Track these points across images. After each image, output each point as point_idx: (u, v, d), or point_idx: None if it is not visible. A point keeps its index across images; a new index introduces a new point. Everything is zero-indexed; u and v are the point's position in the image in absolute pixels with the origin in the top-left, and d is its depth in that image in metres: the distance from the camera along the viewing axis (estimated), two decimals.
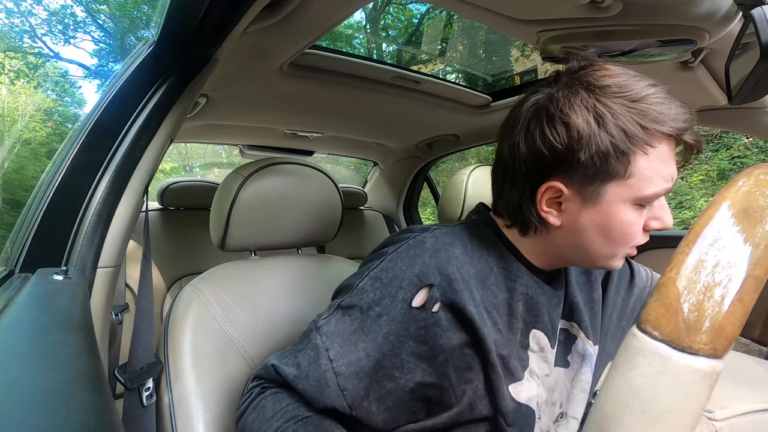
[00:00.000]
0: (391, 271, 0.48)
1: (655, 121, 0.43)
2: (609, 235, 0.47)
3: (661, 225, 0.48)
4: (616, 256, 0.49)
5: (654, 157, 0.43)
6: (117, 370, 0.66)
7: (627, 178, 0.44)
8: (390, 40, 9.88)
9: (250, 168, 0.75)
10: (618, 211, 0.45)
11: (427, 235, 0.50)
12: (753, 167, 0.29)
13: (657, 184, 0.44)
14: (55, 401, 0.24)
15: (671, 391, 0.23)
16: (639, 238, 0.48)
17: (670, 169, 0.45)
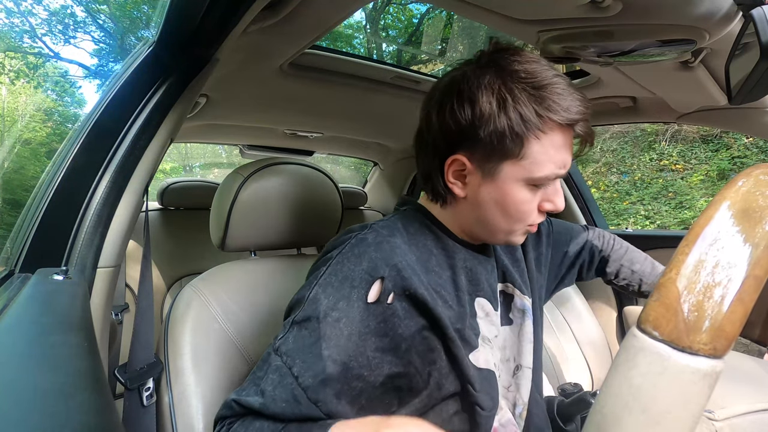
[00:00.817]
0: (340, 273, 0.49)
1: (549, 109, 0.46)
2: (505, 211, 0.51)
3: (553, 207, 0.51)
4: (515, 233, 0.54)
5: (546, 142, 0.47)
6: (117, 370, 0.66)
7: (521, 159, 0.48)
8: (390, 40, 9.88)
9: (250, 168, 0.75)
10: (512, 188, 0.50)
11: (368, 232, 0.52)
12: (753, 167, 0.29)
13: (547, 168, 0.48)
14: (55, 401, 0.24)
15: (671, 391, 0.23)
16: (534, 217, 0.52)
17: (562, 156, 0.49)
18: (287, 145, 1.85)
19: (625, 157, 5.65)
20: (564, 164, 0.49)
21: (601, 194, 5.48)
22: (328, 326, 0.46)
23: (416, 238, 0.54)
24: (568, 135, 0.49)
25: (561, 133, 0.48)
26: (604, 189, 5.56)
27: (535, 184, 0.50)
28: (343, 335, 0.46)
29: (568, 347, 1.28)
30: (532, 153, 0.48)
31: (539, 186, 0.50)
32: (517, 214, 0.51)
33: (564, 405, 0.94)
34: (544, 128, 0.47)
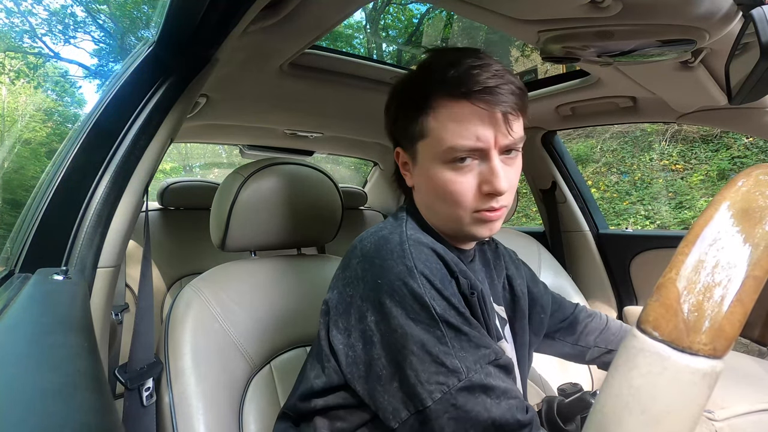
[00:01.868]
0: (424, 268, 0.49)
1: (439, 83, 0.49)
2: (438, 194, 0.52)
3: (490, 188, 0.49)
4: (464, 220, 0.52)
5: (442, 117, 0.49)
6: (117, 370, 0.66)
7: (426, 138, 0.51)
8: (390, 40, 9.87)
9: (250, 168, 0.75)
10: (433, 169, 0.51)
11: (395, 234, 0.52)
12: (753, 167, 0.29)
13: (449, 140, 0.49)
14: (55, 401, 0.24)
15: (671, 391, 0.23)
16: (472, 200, 0.50)
17: (466, 128, 0.48)
18: (287, 145, 1.85)
19: (625, 157, 5.65)
20: (475, 136, 0.48)
21: (601, 194, 5.48)
22: (462, 318, 0.47)
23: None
24: (468, 107, 0.48)
25: (458, 105, 0.48)
26: (604, 189, 5.56)
27: (452, 161, 0.49)
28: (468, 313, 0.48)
29: None
30: (432, 129, 0.50)
31: (458, 163, 0.49)
32: (449, 196, 0.51)
33: (564, 405, 0.94)
34: (433, 104, 0.49)
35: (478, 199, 0.51)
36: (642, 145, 5.61)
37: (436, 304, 0.46)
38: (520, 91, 0.50)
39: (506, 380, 0.45)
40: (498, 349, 0.47)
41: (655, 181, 5.24)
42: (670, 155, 5.26)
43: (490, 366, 0.45)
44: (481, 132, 0.48)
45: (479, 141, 0.48)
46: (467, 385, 0.43)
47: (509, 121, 0.49)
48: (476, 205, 0.51)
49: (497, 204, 0.51)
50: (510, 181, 0.51)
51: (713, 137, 4.97)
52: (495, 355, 0.46)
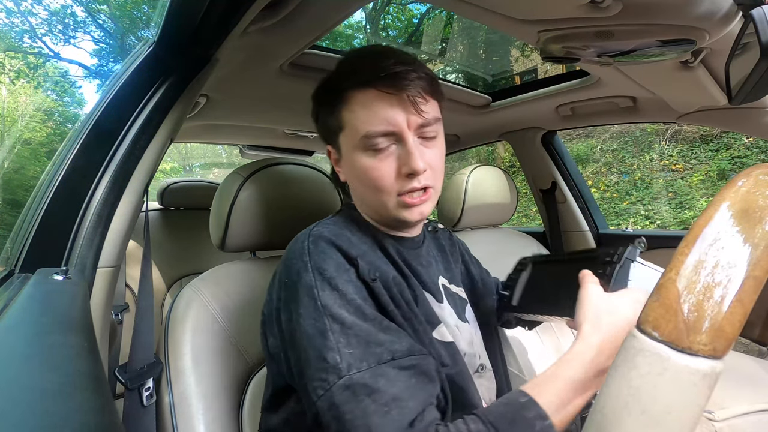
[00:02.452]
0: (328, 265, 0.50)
1: (343, 79, 0.53)
2: (362, 181, 0.54)
3: (408, 169, 0.51)
4: (389, 205, 0.54)
5: (354, 107, 0.52)
6: (117, 370, 0.66)
7: (344, 129, 0.54)
8: (390, 40, 9.87)
9: (250, 168, 0.75)
10: (354, 158, 0.54)
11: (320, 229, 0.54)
12: (753, 167, 0.29)
13: (364, 127, 0.51)
14: (54, 401, 0.24)
15: (671, 391, 0.23)
16: (391, 182, 0.52)
17: (375, 113, 0.51)
18: (287, 145, 1.85)
19: (625, 157, 5.65)
20: (386, 120, 0.50)
21: (601, 194, 5.47)
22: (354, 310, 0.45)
23: (358, 234, 0.56)
24: (375, 93, 0.51)
25: (366, 94, 0.51)
26: (604, 189, 5.56)
27: (370, 148, 0.51)
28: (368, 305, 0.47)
29: (567, 347, 1.28)
30: (347, 120, 0.53)
31: (376, 149, 0.51)
32: (372, 182, 0.53)
33: None
34: (345, 96, 0.53)
35: (399, 182, 0.52)
36: (642, 145, 5.60)
37: (323, 295, 0.45)
38: (427, 77, 0.52)
39: (408, 386, 0.41)
40: (403, 349, 0.43)
41: (655, 181, 5.24)
42: (670, 155, 5.26)
43: (384, 366, 0.41)
44: (391, 115, 0.50)
45: (390, 124, 0.50)
46: (347, 383, 0.40)
47: (417, 103, 0.51)
48: (398, 188, 0.52)
49: (418, 184, 0.52)
50: (429, 161, 0.53)
51: (713, 137, 4.97)
52: (392, 355, 0.42)
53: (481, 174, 1.28)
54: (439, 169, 0.55)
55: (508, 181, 1.35)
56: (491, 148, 6.76)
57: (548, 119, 1.37)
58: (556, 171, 1.50)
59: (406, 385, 0.41)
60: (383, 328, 0.45)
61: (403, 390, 0.40)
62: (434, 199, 0.56)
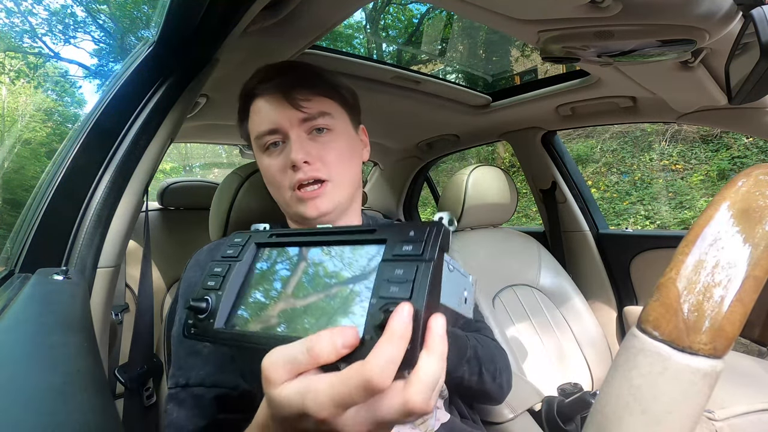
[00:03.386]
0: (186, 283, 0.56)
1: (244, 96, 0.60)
2: (266, 180, 0.59)
3: (288, 161, 0.54)
4: (287, 200, 0.57)
5: (251, 116, 0.59)
6: (117, 370, 0.66)
7: (250, 138, 0.60)
8: (390, 40, 9.87)
9: (250, 168, 0.75)
10: (258, 161, 0.59)
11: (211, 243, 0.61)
12: (753, 167, 0.29)
13: (255, 130, 0.57)
14: (55, 401, 0.24)
15: (671, 391, 0.23)
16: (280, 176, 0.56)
17: (260, 117, 0.57)
18: None
19: (625, 157, 5.65)
20: (269, 120, 0.55)
21: (601, 194, 5.47)
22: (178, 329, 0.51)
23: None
24: (259, 101, 0.57)
25: (254, 103, 0.58)
26: (604, 189, 5.56)
27: (266, 149, 0.57)
28: None
29: (568, 347, 1.28)
30: (249, 129, 0.59)
31: (271, 149, 0.56)
32: (269, 179, 0.58)
33: (564, 405, 0.94)
34: (247, 110, 0.60)
35: (287, 176, 0.55)
36: (642, 145, 5.61)
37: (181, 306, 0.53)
38: (310, 74, 0.57)
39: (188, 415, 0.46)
40: (198, 377, 0.47)
41: (655, 181, 5.24)
42: (670, 155, 5.26)
43: (178, 390, 0.47)
44: (272, 116, 0.55)
45: (272, 123, 0.55)
46: (170, 393, 0.47)
47: (296, 99, 0.55)
48: (288, 182, 0.55)
49: (304, 175, 0.53)
50: (319, 154, 0.55)
51: (713, 137, 4.97)
52: (186, 381, 0.47)
53: (481, 174, 1.28)
54: (334, 160, 0.56)
55: (508, 181, 1.35)
56: (491, 148, 6.76)
57: (548, 119, 1.37)
58: (556, 171, 1.50)
59: (180, 412, 0.46)
60: (191, 353, 0.49)
61: (179, 416, 0.46)
62: (333, 192, 0.55)
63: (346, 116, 0.60)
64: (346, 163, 0.57)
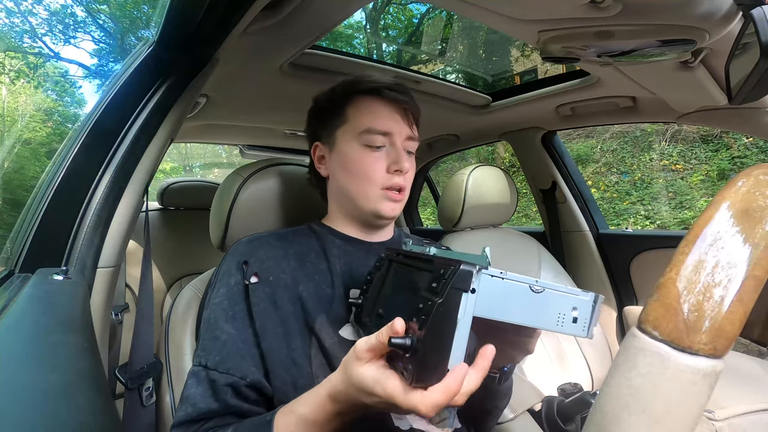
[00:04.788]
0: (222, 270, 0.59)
1: (354, 84, 0.62)
2: (350, 171, 0.61)
3: (397, 166, 0.60)
4: (370, 197, 0.60)
5: (360, 106, 0.61)
6: (117, 370, 0.66)
7: (345, 123, 0.62)
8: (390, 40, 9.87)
9: (250, 169, 0.75)
10: (348, 149, 0.61)
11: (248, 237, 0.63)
12: (753, 167, 0.29)
13: (364, 123, 0.60)
14: (55, 401, 0.24)
15: (671, 391, 0.23)
16: (379, 175, 0.60)
17: (377, 117, 0.60)
18: (287, 145, 1.85)
19: (625, 157, 5.65)
20: (384, 122, 0.60)
21: (601, 194, 5.47)
22: (213, 311, 0.54)
23: (297, 239, 0.63)
24: (379, 99, 0.61)
25: (372, 98, 0.61)
26: (604, 189, 5.56)
27: (366, 144, 0.60)
28: (228, 314, 0.54)
29: (567, 347, 1.28)
30: (351, 115, 0.61)
31: (371, 145, 0.60)
32: (360, 172, 0.60)
33: (564, 405, 0.95)
34: (352, 98, 0.62)
35: (386, 177, 0.60)
36: (642, 145, 5.61)
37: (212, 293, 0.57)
38: (417, 107, 0.64)
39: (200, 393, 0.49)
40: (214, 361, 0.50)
41: (655, 181, 5.24)
42: (670, 155, 5.26)
43: (197, 368, 0.51)
44: (391, 120, 0.61)
45: (389, 127, 0.60)
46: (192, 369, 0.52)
47: (410, 117, 0.63)
48: (384, 182, 0.60)
49: (401, 181, 0.61)
50: (408, 168, 0.61)
51: (713, 137, 4.97)
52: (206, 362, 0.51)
53: (481, 174, 1.28)
54: (410, 179, 0.63)
55: (508, 181, 1.35)
56: (491, 148, 6.76)
57: (548, 119, 1.37)
58: (556, 171, 1.50)
59: (197, 390, 0.49)
60: (213, 337, 0.52)
61: (194, 394, 0.49)
62: (403, 203, 0.63)
63: None
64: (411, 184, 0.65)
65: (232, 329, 0.53)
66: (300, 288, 0.56)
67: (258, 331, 0.53)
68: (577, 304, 0.37)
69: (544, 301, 0.36)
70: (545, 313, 0.36)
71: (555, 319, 0.36)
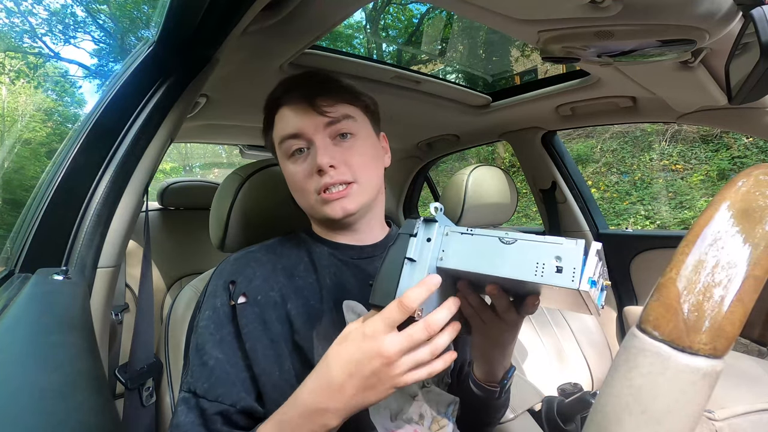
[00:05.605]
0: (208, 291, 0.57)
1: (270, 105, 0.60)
2: (291, 186, 0.60)
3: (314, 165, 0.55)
4: (313, 205, 0.58)
5: (276, 123, 0.59)
6: (117, 370, 0.66)
7: (274, 145, 0.61)
8: (390, 40, 9.88)
9: (250, 169, 0.75)
10: (283, 167, 0.60)
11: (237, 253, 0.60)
12: (752, 167, 0.29)
13: (277, 136, 0.59)
14: (54, 401, 0.24)
15: (671, 391, 0.23)
16: (307, 182, 0.57)
17: (283, 124, 0.58)
18: None
19: (625, 157, 5.65)
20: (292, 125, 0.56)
21: (601, 194, 5.47)
22: (201, 335, 0.52)
23: (287, 251, 0.61)
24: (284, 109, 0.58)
25: (280, 111, 0.58)
26: (604, 189, 5.56)
27: (290, 155, 0.57)
28: (215, 338, 0.51)
29: (568, 347, 1.28)
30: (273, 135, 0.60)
31: (295, 155, 0.57)
32: (294, 184, 0.58)
33: (564, 405, 0.95)
34: (272, 118, 0.60)
35: (313, 181, 0.56)
36: (642, 145, 5.61)
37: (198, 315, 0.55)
38: (332, 82, 0.59)
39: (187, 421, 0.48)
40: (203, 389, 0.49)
41: (655, 181, 5.24)
42: (670, 155, 5.26)
43: (185, 394, 0.50)
44: (297, 121, 0.56)
45: (297, 128, 0.56)
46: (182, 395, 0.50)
47: (320, 107, 0.56)
48: (314, 186, 0.56)
49: (330, 179, 0.55)
50: (344, 158, 0.56)
51: (713, 137, 4.97)
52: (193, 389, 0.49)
53: (481, 174, 1.28)
54: (358, 164, 0.57)
55: (508, 181, 1.35)
56: (491, 148, 6.76)
57: (548, 119, 1.37)
58: (556, 171, 1.50)
59: (187, 419, 0.48)
60: (201, 363, 0.51)
61: (185, 422, 0.48)
62: (359, 194, 0.57)
63: (368, 122, 0.62)
64: (370, 166, 0.59)
65: (219, 354, 0.50)
66: (289, 306, 0.54)
67: (249, 353, 0.51)
68: (561, 253, 0.35)
69: (517, 252, 0.37)
70: (520, 264, 0.37)
71: (533, 269, 0.36)
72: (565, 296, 0.38)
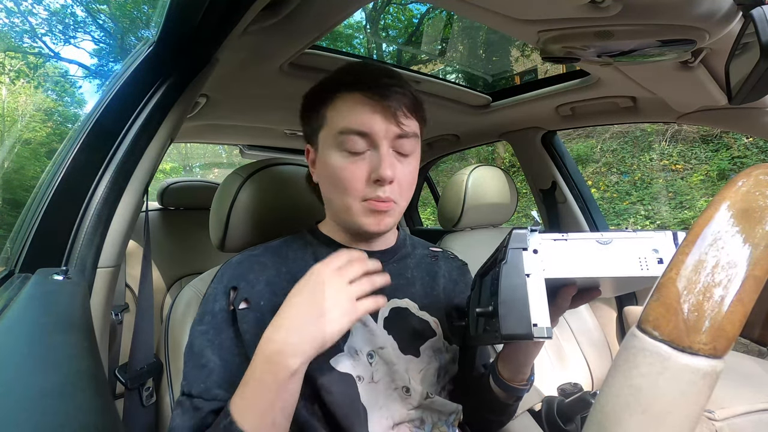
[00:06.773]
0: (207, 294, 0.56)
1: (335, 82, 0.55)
2: (331, 181, 0.54)
3: (376, 175, 0.51)
4: (352, 209, 0.54)
5: (339, 106, 0.53)
6: (117, 370, 0.66)
7: (325, 125, 0.55)
8: (390, 40, 9.88)
9: (250, 168, 0.75)
10: (328, 155, 0.54)
11: (239, 254, 0.59)
12: (753, 167, 0.29)
13: (342, 123, 0.52)
14: (55, 401, 0.24)
15: (671, 391, 0.23)
16: (359, 185, 0.52)
17: (356, 116, 0.52)
18: (287, 145, 1.85)
19: (625, 157, 5.65)
20: (364, 122, 0.51)
21: (601, 194, 5.48)
22: (199, 340, 0.52)
23: (292, 252, 0.59)
24: (359, 97, 0.52)
25: (351, 95, 0.53)
26: (604, 189, 5.56)
27: (346, 149, 0.52)
28: (214, 344, 0.51)
29: (568, 347, 1.28)
30: (329, 117, 0.54)
31: (350, 151, 0.52)
32: (341, 182, 0.53)
33: (564, 405, 0.95)
34: (332, 96, 0.54)
35: (366, 187, 0.52)
36: (642, 145, 5.61)
37: (196, 318, 0.54)
38: (413, 97, 0.55)
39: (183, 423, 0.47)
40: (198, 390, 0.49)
41: (655, 181, 5.24)
42: (670, 155, 5.26)
43: (182, 397, 0.49)
44: (370, 119, 0.52)
45: (367, 127, 0.51)
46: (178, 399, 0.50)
47: (398, 116, 0.52)
48: (364, 193, 0.52)
49: (383, 194, 0.52)
50: (399, 176, 0.53)
51: (713, 137, 4.97)
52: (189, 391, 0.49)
53: (481, 174, 1.28)
54: (407, 186, 0.55)
55: (508, 181, 1.35)
56: (491, 148, 6.76)
57: (548, 119, 1.37)
58: (556, 171, 1.50)
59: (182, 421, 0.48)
60: (198, 365, 0.50)
61: (179, 425, 0.47)
62: (397, 214, 0.55)
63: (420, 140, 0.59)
64: (412, 188, 0.57)
65: (218, 359, 0.50)
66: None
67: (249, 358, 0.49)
68: (657, 245, 0.38)
69: (617, 251, 0.39)
70: (624, 261, 0.38)
71: (638, 264, 0.38)
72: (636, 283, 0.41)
